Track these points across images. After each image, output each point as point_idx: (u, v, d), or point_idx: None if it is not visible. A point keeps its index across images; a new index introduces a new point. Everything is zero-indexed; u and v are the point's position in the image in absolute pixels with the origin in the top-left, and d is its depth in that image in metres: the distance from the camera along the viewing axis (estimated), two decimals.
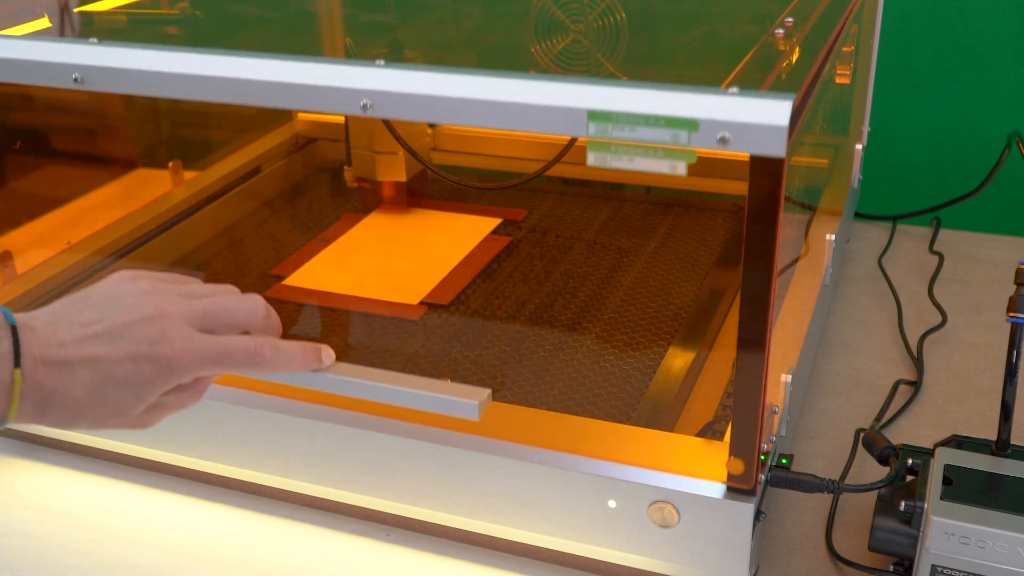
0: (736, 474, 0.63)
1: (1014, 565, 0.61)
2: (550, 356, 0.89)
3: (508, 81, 0.58)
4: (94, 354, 0.54)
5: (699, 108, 0.54)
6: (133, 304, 0.56)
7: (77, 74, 0.67)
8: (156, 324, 0.55)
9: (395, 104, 0.60)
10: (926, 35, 1.27)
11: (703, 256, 1.06)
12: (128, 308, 0.56)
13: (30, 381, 0.53)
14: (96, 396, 0.54)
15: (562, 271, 1.03)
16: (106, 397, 0.54)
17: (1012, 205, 1.30)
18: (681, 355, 0.88)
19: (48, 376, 0.53)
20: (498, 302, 0.97)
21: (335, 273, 1.03)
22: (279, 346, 0.59)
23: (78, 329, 0.55)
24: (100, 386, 0.54)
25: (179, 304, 0.57)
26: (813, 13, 0.81)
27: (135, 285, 0.57)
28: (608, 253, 1.07)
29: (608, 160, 0.56)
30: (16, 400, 0.52)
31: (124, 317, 0.55)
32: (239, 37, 1.04)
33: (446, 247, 1.07)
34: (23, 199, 1.03)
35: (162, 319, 0.55)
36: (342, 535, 0.78)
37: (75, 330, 0.55)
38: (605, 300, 0.98)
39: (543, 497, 0.69)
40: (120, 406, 0.55)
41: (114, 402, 0.55)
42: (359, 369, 0.64)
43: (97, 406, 0.55)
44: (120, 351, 0.54)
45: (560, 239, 1.10)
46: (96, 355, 0.54)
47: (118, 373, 0.54)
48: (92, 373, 0.54)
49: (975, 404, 0.91)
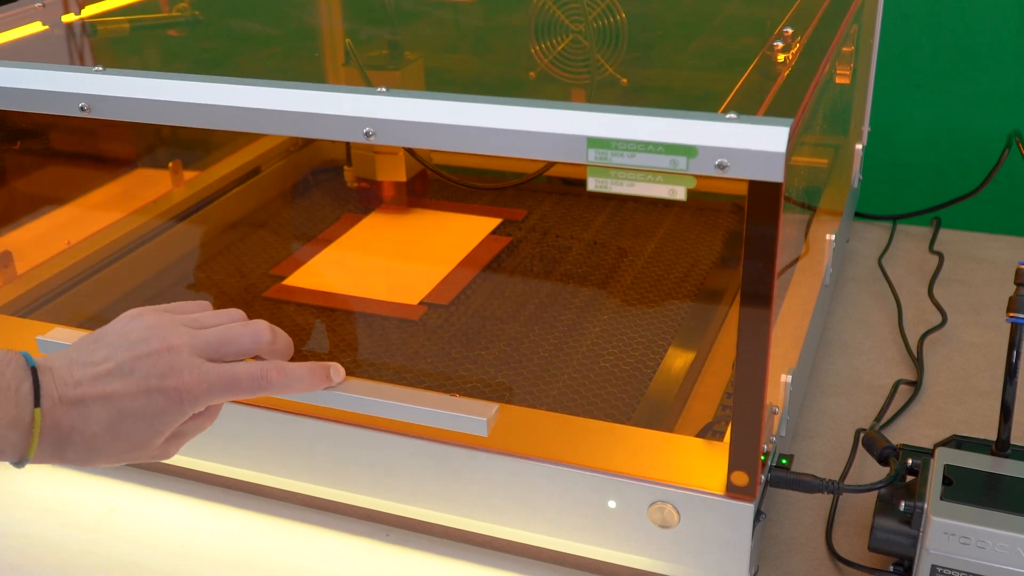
0: (739, 486, 0.64)
1: (1014, 565, 0.61)
2: (550, 356, 0.89)
3: (509, 109, 0.59)
4: (107, 391, 0.56)
5: (697, 135, 0.55)
6: (140, 339, 0.58)
7: (84, 103, 0.68)
8: (164, 357, 0.57)
9: (397, 132, 0.62)
10: (926, 35, 1.27)
11: (703, 256, 1.06)
12: (136, 343, 0.58)
13: (49, 420, 0.55)
14: (113, 431, 0.56)
15: (562, 271, 1.03)
16: (122, 431, 0.56)
17: (1012, 205, 1.30)
18: (681, 355, 0.88)
19: (66, 415, 0.55)
20: (498, 302, 0.97)
21: (335, 273, 1.03)
22: (286, 369, 0.61)
23: (91, 368, 0.57)
24: (116, 421, 0.56)
25: (185, 336, 0.59)
26: (812, 20, 0.81)
27: (141, 320, 0.60)
28: (608, 253, 1.07)
29: (608, 185, 0.58)
30: (36, 439, 0.54)
31: (133, 352, 0.57)
32: (241, 51, 1.04)
33: (446, 247, 1.07)
34: (23, 199, 1.03)
35: (169, 352, 0.57)
36: (342, 535, 0.78)
37: (88, 369, 0.57)
38: (605, 300, 0.98)
39: (543, 497, 0.69)
40: (137, 439, 0.57)
41: (131, 436, 0.57)
42: (368, 386, 0.66)
43: (114, 441, 0.56)
44: (132, 386, 0.56)
45: (560, 239, 1.10)
46: (110, 392, 0.56)
47: (132, 407, 0.56)
48: (107, 409, 0.56)
49: (975, 404, 0.91)
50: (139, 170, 1.17)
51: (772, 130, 0.54)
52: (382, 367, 0.87)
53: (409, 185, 1.17)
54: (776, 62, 0.71)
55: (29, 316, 0.93)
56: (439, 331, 0.93)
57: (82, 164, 1.11)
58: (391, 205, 1.17)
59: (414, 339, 0.92)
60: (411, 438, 0.71)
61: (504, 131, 0.59)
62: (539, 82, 1.07)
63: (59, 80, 0.70)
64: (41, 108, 0.70)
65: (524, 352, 0.89)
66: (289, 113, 0.63)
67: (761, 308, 0.58)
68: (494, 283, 1.01)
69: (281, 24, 1.18)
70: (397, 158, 1.14)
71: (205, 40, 1.10)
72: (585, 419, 0.74)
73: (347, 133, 0.63)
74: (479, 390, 0.84)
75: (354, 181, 1.18)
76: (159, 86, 0.67)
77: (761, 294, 0.58)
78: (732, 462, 0.63)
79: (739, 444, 0.63)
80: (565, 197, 1.20)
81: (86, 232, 1.04)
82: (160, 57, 1.07)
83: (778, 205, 0.55)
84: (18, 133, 0.98)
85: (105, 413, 0.56)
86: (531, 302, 0.97)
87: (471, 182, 1.20)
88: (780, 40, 0.74)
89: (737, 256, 0.61)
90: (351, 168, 1.18)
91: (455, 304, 0.97)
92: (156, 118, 0.67)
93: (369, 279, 1.02)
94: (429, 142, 0.61)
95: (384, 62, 1.12)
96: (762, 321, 0.59)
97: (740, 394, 0.61)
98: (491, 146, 0.60)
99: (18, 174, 1.03)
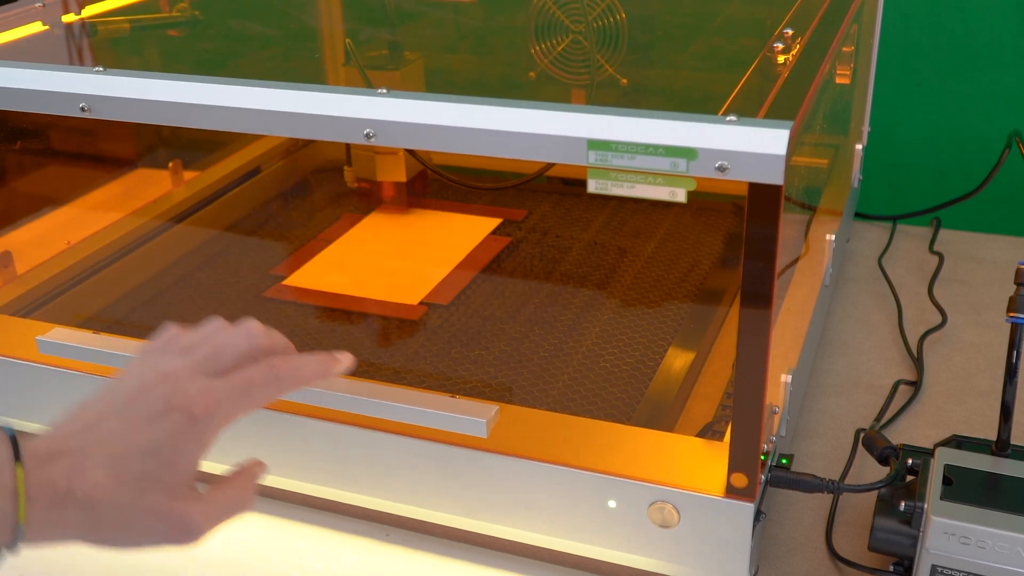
0: (739, 486, 0.64)
1: (1014, 565, 0.61)
2: (550, 356, 0.89)
3: (509, 110, 0.59)
4: (104, 431, 0.49)
5: (697, 137, 0.55)
6: (131, 377, 0.52)
7: (84, 104, 0.68)
8: (162, 385, 0.51)
9: (397, 133, 0.62)
10: (926, 35, 1.27)
11: (703, 256, 1.06)
12: (128, 383, 0.51)
13: (37, 478, 0.47)
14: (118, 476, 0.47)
15: (562, 271, 1.03)
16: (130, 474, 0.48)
17: (1012, 205, 1.29)
18: (681, 355, 0.88)
19: (58, 469, 0.47)
20: (498, 302, 0.97)
21: (335, 273, 1.03)
22: (291, 357, 0.56)
23: (80, 421, 0.50)
24: (121, 463, 0.48)
25: (177, 361, 0.53)
26: (812, 20, 0.81)
27: (126, 369, 0.53)
28: (608, 253, 1.07)
29: (608, 187, 0.58)
30: (22, 500, 0.46)
31: (126, 391, 0.51)
32: (241, 51, 1.04)
33: (446, 247, 1.07)
34: (23, 199, 1.03)
35: (166, 379, 0.51)
36: (342, 535, 0.78)
37: (77, 422, 0.50)
38: (605, 300, 0.98)
39: (543, 497, 0.69)
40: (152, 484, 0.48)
41: (142, 481, 0.48)
42: (368, 386, 0.66)
43: (123, 489, 0.48)
44: (134, 417, 0.49)
45: (560, 239, 1.10)
46: (107, 432, 0.49)
47: (137, 442, 0.48)
48: (108, 450, 0.48)
49: (975, 404, 0.91)
50: (139, 170, 1.17)
51: (772, 132, 0.54)
52: (382, 367, 0.87)
53: (409, 185, 1.17)
54: (776, 63, 0.71)
55: (29, 316, 0.93)
56: (439, 331, 0.93)
57: (82, 164, 1.11)
58: (391, 205, 1.17)
59: (414, 339, 0.92)
60: (411, 438, 0.71)
61: (504, 133, 0.59)
62: (539, 82, 1.08)
63: (59, 80, 0.70)
64: (41, 108, 0.70)
65: (524, 352, 0.89)
66: (289, 114, 0.64)
67: (761, 308, 0.58)
68: (494, 283, 1.01)
69: (281, 25, 1.18)
70: (397, 158, 1.14)
71: (205, 40, 1.10)
72: (585, 419, 0.74)
73: (347, 134, 0.63)
74: (479, 390, 0.84)
75: (354, 181, 1.19)
76: (159, 86, 0.67)
77: (761, 294, 0.58)
78: (732, 462, 0.63)
79: (739, 444, 0.63)
80: (565, 197, 1.20)
81: (86, 232, 1.04)
82: (160, 57, 1.08)
83: (778, 207, 0.56)
84: (18, 133, 0.98)
85: (106, 455, 0.47)
86: (531, 302, 0.97)
87: (470, 182, 1.20)
88: (780, 41, 0.74)
89: (737, 256, 0.61)
90: (351, 168, 1.18)
91: (455, 304, 0.97)
92: (156, 118, 0.67)
93: (369, 279, 1.02)
94: (429, 143, 0.61)
95: (384, 62, 1.12)
96: (762, 321, 0.59)
97: (740, 394, 0.61)
98: (491, 148, 0.60)
99: (18, 174, 1.03)
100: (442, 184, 1.21)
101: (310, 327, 0.94)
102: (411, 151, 1.10)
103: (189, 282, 1.04)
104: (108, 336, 0.77)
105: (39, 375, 0.80)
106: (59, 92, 0.69)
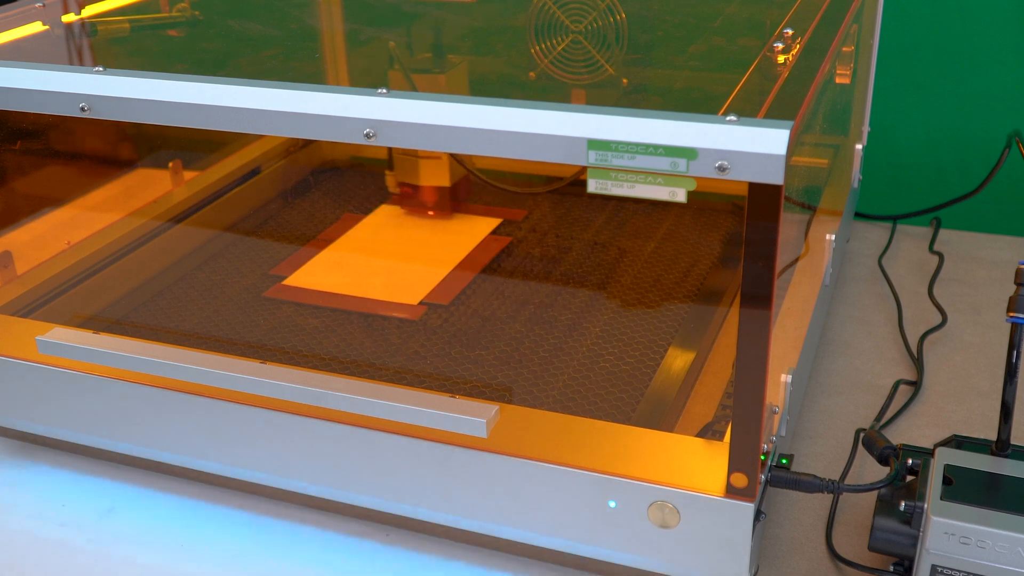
0: (739, 486, 0.64)
1: (1014, 565, 0.61)
2: (550, 356, 0.89)
3: (510, 110, 0.60)
4: None
5: (697, 137, 0.55)
6: None
7: (84, 104, 0.69)
8: None
9: (397, 133, 0.62)
10: (926, 35, 1.27)
11: (703, 256, 1.06)
12: None
13: None
14: None
15: (562, 271, 1.03)
16: None
17: (1012, 205, 1.29)
18: (681, 355, 0.88)
19: None
20: (498, 302, 0.97)
21: (335, 273, 1.04)
22: None
23: None
24: None
25: None
26: (812, 20, 0.81)
27: None
28: (608, 253, 1.07)
29: (608, 187, 0.58)
30: None
31: None
32: (241, 51, 1.04)
33: (446, 247, 1.07)
34: (23, 199, 1.03)
35: None
36: (342, 535, 0.78)
37: None
38: (605, 300, 0.98)
39: (543, 497, 0.69)
40: None
41: None
42: (368, 386, 0.66)
43: None
44: None
45: (560, 239, 1.10)
46: None
47: None
48: None
49: (975, 404, 0.91)
50: (139, 170, 1.17)
51: (772, 132, 0.54)
52: (382, 367, 0.87)
53: (452, 190, 1.15)
54: (776, 63, 0.71)
55: (29, 316, 0.93)
56: (439, 331, 0.93)
57: (82, 164, 1.11)
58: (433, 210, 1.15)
59: (414, 339, 0.92)
60: (411, 438, 0.71)
61: (505, 133, 0.59)
62: (539, 82, 1.07)
63: (59, 80, 0.70)
64: (41, 108, 0.70)
65: (524, 352, 0.89)
66: (289, 114, 0.64)
67: (761, 308, 0.58)
68: (494, 283, 1.01)
69: (281, 25, 1.18)
70: (441, 163, 1.13)
71: (205, 40, 1.10)
72: (585, 419, 0.74)
73: (348, 134, 0.63)
74: (479, 390, 0.84)
75: (396, 186, 1.18)
76: (159, 86, 0.67)
77: (761, 295, 0.58)
78: (732, 462, 0.63)
79: (739, 444, 0.63)
80: (565, 197, 1.20)
81: (86, 232, 1.04)
82: (160, 57, 1.07)
83: (778, 207, 0.56)
84: (18, 133, 0.98)
85: None
86: (531, 302, 0.97)
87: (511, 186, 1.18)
88: (780, 41, 0.74)
89: (737, 256, 0.61)
90: (392, 172, 1.17)
91: (455, 304, 0.97)
92: (156, 118, 0.68)
93: (369, 279, 1.02)
94: (429, 143, 0.61)
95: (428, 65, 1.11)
96: (762, 321, 0.59)
97: (740, 394, 0.61)
98: (491, 148, 0.60)
99: (18, 174, 1.03)
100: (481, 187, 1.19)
101: (310, 327, 0.94)
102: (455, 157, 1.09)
103: (189, 282, 1.04)
104: (108, 336, 0.77)
105: (39, 375, 0.80)
106: (59, 92, 0.69)
